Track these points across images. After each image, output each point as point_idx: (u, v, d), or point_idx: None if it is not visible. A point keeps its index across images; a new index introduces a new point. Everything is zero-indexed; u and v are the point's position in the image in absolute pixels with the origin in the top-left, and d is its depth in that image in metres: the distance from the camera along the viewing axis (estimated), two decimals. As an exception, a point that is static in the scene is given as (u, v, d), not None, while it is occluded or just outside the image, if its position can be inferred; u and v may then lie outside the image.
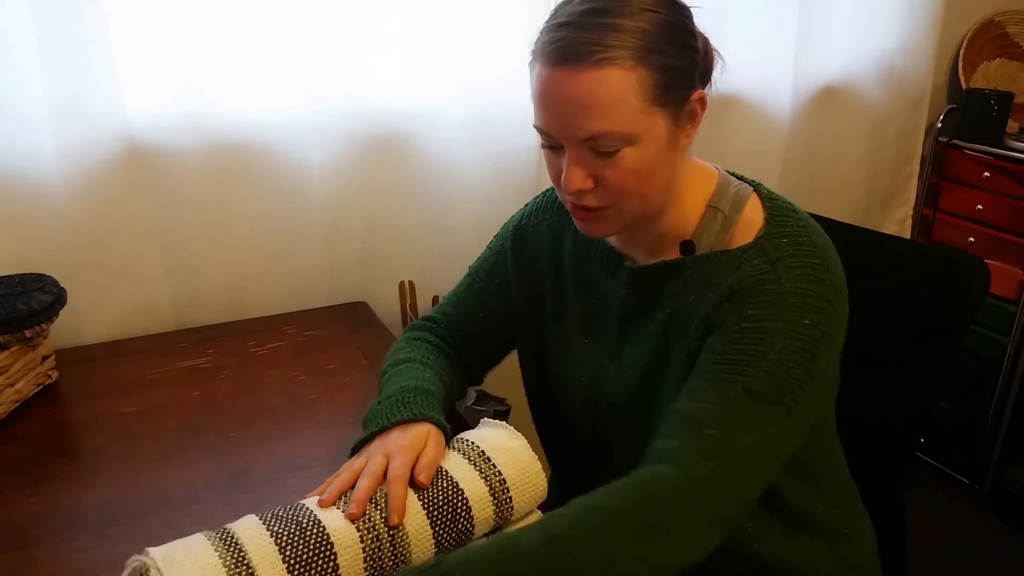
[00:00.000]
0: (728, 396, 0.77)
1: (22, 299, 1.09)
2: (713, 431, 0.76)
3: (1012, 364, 2.01)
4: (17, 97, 1.18)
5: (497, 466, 0.84)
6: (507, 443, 0.87)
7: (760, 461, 0.78)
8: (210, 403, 1.13)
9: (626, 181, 0.81)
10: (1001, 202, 2.03)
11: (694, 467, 0.74)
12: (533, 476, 0.85)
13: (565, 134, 0.81)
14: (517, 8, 1.47)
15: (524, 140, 1.57)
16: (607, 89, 0.76)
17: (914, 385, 0.91)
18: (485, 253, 1.10)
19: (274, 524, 0.74)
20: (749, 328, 0.79)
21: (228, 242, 1.41)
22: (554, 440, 1.14)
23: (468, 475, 0.82)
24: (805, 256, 0.82)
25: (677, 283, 0.88)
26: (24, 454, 1.02)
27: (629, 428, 0.94)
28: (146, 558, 0.69)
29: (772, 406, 0.77)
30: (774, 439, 0.78)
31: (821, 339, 0.79)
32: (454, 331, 1.08)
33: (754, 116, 1.80)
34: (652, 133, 0.80)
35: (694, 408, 0.78)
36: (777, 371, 0.77)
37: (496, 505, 0.82)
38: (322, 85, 1.38)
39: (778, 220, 0.86)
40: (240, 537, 0.72)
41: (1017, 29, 2.17)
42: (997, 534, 2.07)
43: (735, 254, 0.84)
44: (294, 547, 0.72)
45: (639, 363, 0.92)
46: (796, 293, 0.79)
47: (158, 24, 1.25)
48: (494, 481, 0.83)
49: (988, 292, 1.08)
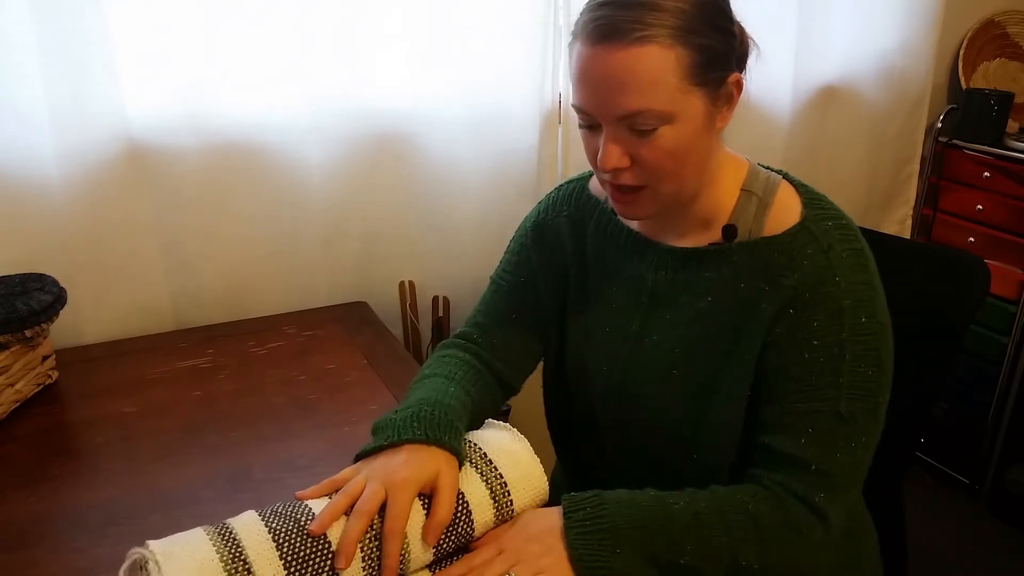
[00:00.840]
0: (820, 427, 0.82)
1: (22, 299, 1.09)
2: (816, 464, 0.82)
3: (1012, 364, 2.01)
4: (17, 97, 1.18)
5: (499, 468, 0.83)
6: (510, 445, 0.86)
7: (863, 468, 0.85)
8: (210, 403, 1.13)
9: (662, 160, 0.82)
10: (1001, 202, 2.03)
11: (806, 494, 0.82)
12: (535, 479, 0.85)
13: (603, 112, 0.81)
14: (517, 8, 1.47)
15: (524, 140, 1.57)
16: (646, 66, 0.77)
17: (914, 385, 0.91)
18: (505, 258, 1.09)
19: (273, 520, 0.74)
20: (819, 346, 0.82)
21: (228, 242, 1.41)
22: (566, 428, 1.13)
23: (469, 477, 0.82)
24: (849, 241, 0.84)
25: (722, 269, 0.88)
26: (24, 454, 1.02)
27: (659, 421, 0.93)
28: (145, 551, 0.70)
29: (860, 418, 0.82)
30: (869, 443, 0.84)
31: (879, 330, 0.83)
32: (488, 339, 1.05)
33: (754, 116, 1.80)
34: (689, 112, 0.80)
35: (790, 446, 0.83)
36: (856, 383, 0.82)
37: (497, 508, 0.82)
38: (322, 85, 1.38)
39: (816, 203, 0.88)
40: (238, 532, 0.72)
41: (1017, 29, 2.17)
42: (997, 534, 2.07)
43: (784, 240, 0.85)
44: (292, 544, 0.72)
45: (672, 351, 0.92)
46: (850, 292, 0.82)
47: (158, 24, 1.25)
48: (495, 484, 0.82)
49: (988, 292, 1.08)
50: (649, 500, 0.81)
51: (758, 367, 0.86)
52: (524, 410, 1.65)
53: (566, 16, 1.53)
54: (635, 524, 0.78)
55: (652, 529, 0.78)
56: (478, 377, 1.00)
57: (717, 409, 0.89)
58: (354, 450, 0.84)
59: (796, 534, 0.82)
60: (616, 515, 0.79)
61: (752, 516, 0.81)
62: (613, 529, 0.78)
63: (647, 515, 0.79)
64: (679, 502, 0.81)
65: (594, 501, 0.80)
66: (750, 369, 0.86)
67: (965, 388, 2.13)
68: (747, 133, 1.78)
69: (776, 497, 0.82)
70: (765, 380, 0.86)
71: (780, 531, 0.81)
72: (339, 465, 0.83)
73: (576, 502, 0.80)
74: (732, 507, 0.81)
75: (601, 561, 0.76)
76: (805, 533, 0.82)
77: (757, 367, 0.86)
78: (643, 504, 0.80)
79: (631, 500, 0.81)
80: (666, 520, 0.79)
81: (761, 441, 0.85)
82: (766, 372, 0.85)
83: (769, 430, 0.85)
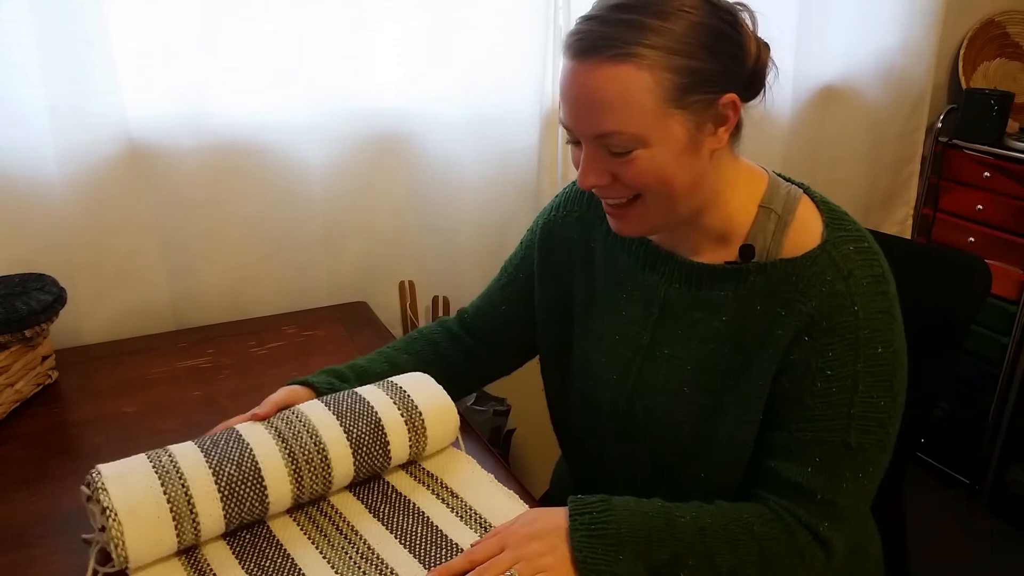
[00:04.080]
0: (827, 455, 0.82)
1: (22, 299, 1.09)
2: (822, 494, 0.82)
3: (1012, 364, 2.01)
4: (17, 97, 1.18)
5: (411, 396, 0.93)
6: (421, 380, 0.97)
7: (868, 497, 0.85)
8: (210, 403, 1.13)
9: (643, 179, 0.81)
10: (1001, 202, 2.03)
11: (811, 523, 0.82)
12: (446, 412, 0.95)
13: (579, 129, 0.81)
14: (517, 8, 1.47)
15: (524, 140, 1.58)
16: (619, 87, 0.76)
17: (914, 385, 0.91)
18: (516, 249, 1.10)
19: (206, 444, 0.84)
20: (833, 376, 0.81)
21: (228, 242, 1.41)
22: (571, 430, 1.12)
23: (382, 399, 0.91)
24: (871, 267, 0.82)
25: (739, 289, 0.87)
26: (24, 454, 1.02)
27: (666, 437, 0.92)
28: (95, 474, 0.79)
29: (869, 449, 0.82)
30: (876, 474, 0.84)
31: (894, 359, 0.82)
32: (478, 321, 1.11)
33: (754, 116, 1.80)
34: (668, 136, 0.78)
35: (797, 474, 0.82)
36: (867, 414, 0.81)
37: (412, 433, 0.91)
38: (322, 85, 1.38)
39: (837, 223, 0.85)
40: (177, 456, 0.82)
41: (1017, 29, 2.17)
42: (997, 534, 2.07)
43: (803, 263, 0.83)
44: (225, 467, 0.82)
45: (683, 367, 0.90)
46: (868, 322, 0.81)
47: (158, 24, 1.25)
48: (412, 410, 0.92)
49: (989, 292, 1.08)
50: (655, 511, 0.81)
51: (770, 391, 0.85)
52: (525, 409, 1.65)
53: (566, 16, 1.53)
54: (639, 533, 0.78)
55: (656, 540, 0.78)
56: (432, 350, 1.09)
57: (727, 429, 0.87)
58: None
59: (799, 559, 0.82)
60: (622, 522, 0.79)
61: (757, 537, 0.81)
62: (618, 535, 0.78)
63: (652, 525, 0.79)
64: (685, 515, 0.81)
65: (601, 506, 0.80)
66: (763, 392, 0.85)
67: (965, 388, 2.13)
68: (747, 133, 1.76)
69: (782, 521, 0.82)
70: (776, 405, 0.85)
71: (783, 555, 0.81)
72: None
73: (583, 505, 0.80)
74: (737, 525, 0.81)
75: (603, 565, 0.76)
76: (807, 560, 0.82)
77: (770, 391, 0.85)
78: (649, 514, 0.80)
79: (638, 508, 0.81)
80: (671, 532, 0.79)
81: (768, 465, 0.85)
82: (778, 397, 0.84)
83: (776, 455, 0.84)
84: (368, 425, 0.89)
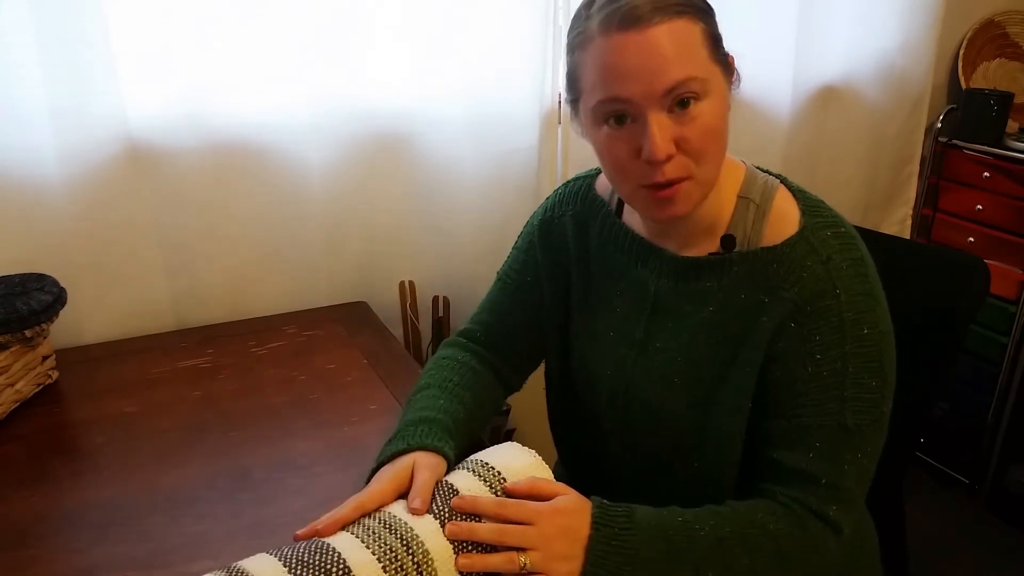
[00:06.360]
0: (825, 439, 0.83)
1: (22, 299, 1.09)
2: (826, 478, 0.83)
3: (1012, 364, 2.01)
4: (17, 97, 1.18)
5: (496, 468, 0.82)
6: (511, 451, 0.85)
7: (868, 477, 0.86)
8: (210, 403, 1.13)
9: (706, 139, 0.81)
10: (1001, 202, 2.03)
11: (820, 509, 0.83)
12: (536, 471, 0.83)
13: (647, 91, 0.78)
14: (517, 8, 1.47)
15: (524, 140, 1.57)
16: (684, 36, 0.78)
17: (914, 385, 0.91)
18: (512, 254, 1.09)
19: (289, 553, 0.72)
20: (822, 360, 0.82)
21: (228, 242, 1.41)
22: (569, 429, 1.12)
23: (472, 484, 0.81)
24: (849, 251, 0.84)
25: (723, 279, 0.88)
26: (24, 454, 1.02)
27: (663, 429, 0.93)
28: None
29: (865, 429, 0.83)
30: (874, 453, 0.85)
31: (880, 339, 0.83)
32: (491, 337, 1.07)
33: (754, 116, 1.80)
34: (717, 87, 0.81)
35: (797, 460, 0.83)
36: (859, 395, 0.82)
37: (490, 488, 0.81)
38: (322, 85, 1.38)
39: (814, 210, 0.87)
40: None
41: (1017, 29, 2.17)
42: (997, 534, 2.07)
43: (783, 250, 0.85)
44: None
45: (674, 360, 0.91)
46: (851, 306, 0.82)
47: (158, 24, 1.25)
48: (495, 482, 0.81)
49: (988, 292, 1.08)
50: (676, 528, 0.80)
51: (761, 380, 0.85)
52: (524, 409, 1.65)
53: (566, 16, 1.53)
54: (659, 554, 0.78)
55: (675, 555, 0.78)
56: (475, 379, 1.01)
57: (719, 419, 0.88)
58: (354, 450, 0.84)
59: (813, 550, 0.82)
60: (640, 544, 0.77)
61: (773, 536, 0.81)
62: (635, 557, 0.77)
63: (672, 545, 0.79)
64: (704, 528, 0.81)
65: (623, 521, 0.78)
66: (752, 381, 0.86)
67: (965, 388, 2.13)
68: (747, 133, 1.78)
69: (793, 514, 0.83)
70: (769, 394, 0.85)
71: (799, 549, 0.82)
72: (339, 465, 0.83)
73: (606, 516, 0.79)
74: (753, 529, 0.82)
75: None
76: (821, 548, 0.83)
77: (760, 380, 0.85)
78: (670, 533, 0.79)
79: (659, 525, 0.80)
80: (690, 547, 0.79)
81: (770, 456, 0.85)
82: (770, 386, 0.85)
83: (777, 445, 0.85)
84: None
